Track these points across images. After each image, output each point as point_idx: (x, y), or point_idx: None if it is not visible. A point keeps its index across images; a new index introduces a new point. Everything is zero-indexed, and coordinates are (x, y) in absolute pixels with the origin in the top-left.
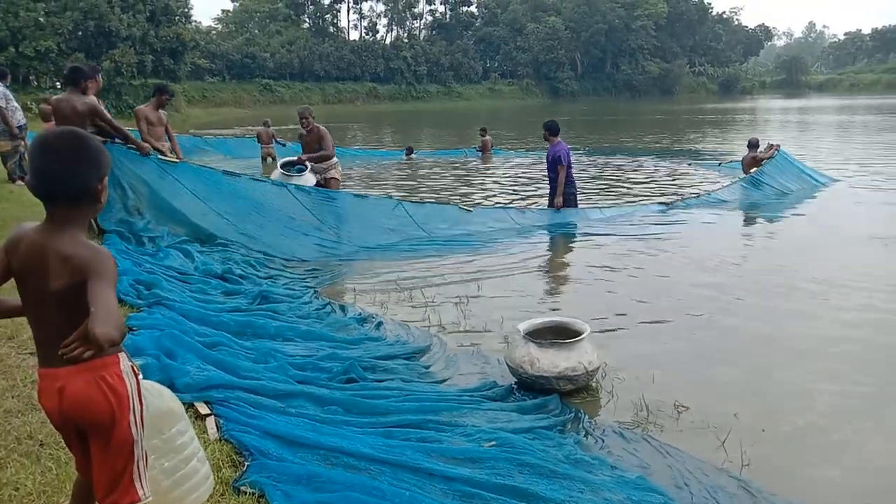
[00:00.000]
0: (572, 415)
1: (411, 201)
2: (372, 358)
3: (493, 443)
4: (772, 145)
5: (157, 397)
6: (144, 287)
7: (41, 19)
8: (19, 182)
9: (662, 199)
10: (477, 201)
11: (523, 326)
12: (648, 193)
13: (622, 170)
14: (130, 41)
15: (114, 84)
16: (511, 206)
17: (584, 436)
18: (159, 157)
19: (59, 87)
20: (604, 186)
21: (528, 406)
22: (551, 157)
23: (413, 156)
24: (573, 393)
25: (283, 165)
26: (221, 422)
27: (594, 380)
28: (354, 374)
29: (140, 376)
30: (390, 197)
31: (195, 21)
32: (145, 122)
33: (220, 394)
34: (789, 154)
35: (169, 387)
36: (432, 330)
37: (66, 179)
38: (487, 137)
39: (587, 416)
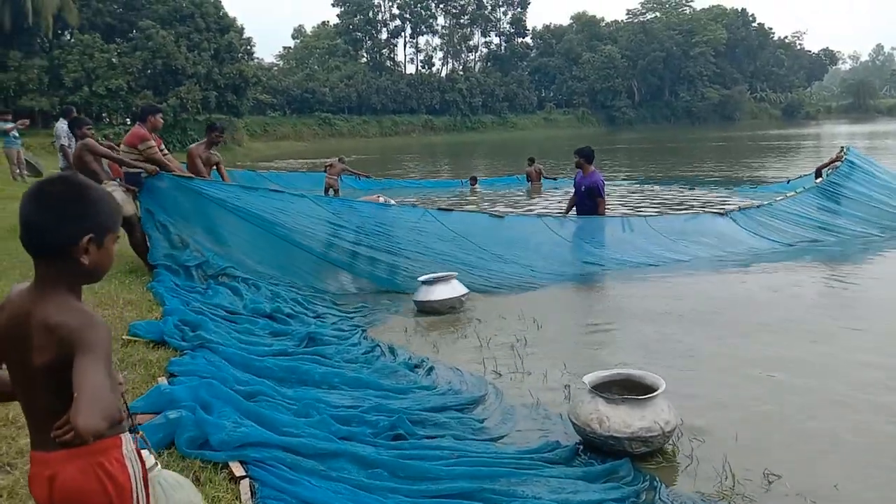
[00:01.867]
0: (647, 483)
1: (438, 208)
2: (422, 410)
3: None
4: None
5: (177, 489)
6: (190, 328)
7: (113, 59)
8: None
9: (717, 210)
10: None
11: (589, 379)
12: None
13: (680, 196)
14: (196, 78)
15: (179, 120)
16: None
17: None
18: (173, 174)
19: (128, 123)
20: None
21: (596, 472)
22: (587, 186)
23: (477, 186)
24: (646, 456)
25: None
26: (256, 486)
27: (670, 441)
28: (403, 429)
29: (151, 466)
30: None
31: (257, 58)
32: (198, 161)
33: (257, 453)
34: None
35: (203, 443)
36: (488, 376)
37: (50, 230)
38: (535, 167)
39: (664, 486)
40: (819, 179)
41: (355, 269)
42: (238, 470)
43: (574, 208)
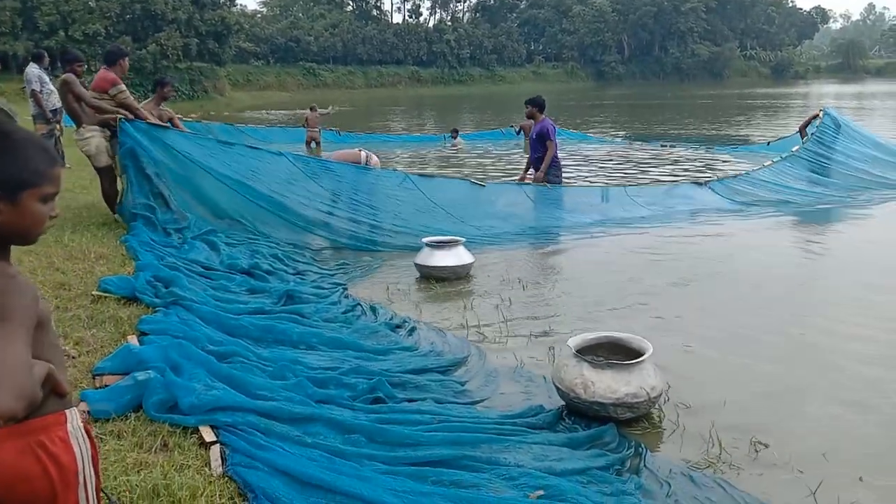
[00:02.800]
0: (632, 450)
1: (419, 174)
2: (402, 372)
3: (541, 492)
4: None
5: None
6: (163, 284)
7: (91, 3)
8: None
9: (696, 180)
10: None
11: (574, 342)
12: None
13: (660, 157)
14: (176, 24)
15: (160, 67)
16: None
17: (647, 479)
18: (149, 122)
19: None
20: (636, 172)
21: (580, 438)
22: (537, 132)
23: (459, 139)
24: (632, 422)
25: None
26: (227, 452)
27: (656, 407)
28: (382, 392)
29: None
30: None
31: (240, 4)
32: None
33: (229, 417)
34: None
35: (172, 407)
36: (471, 338)
37: None
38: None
39: (649, 453)
40: (806, 138)
41: (333, 229)
42: (208, 435)
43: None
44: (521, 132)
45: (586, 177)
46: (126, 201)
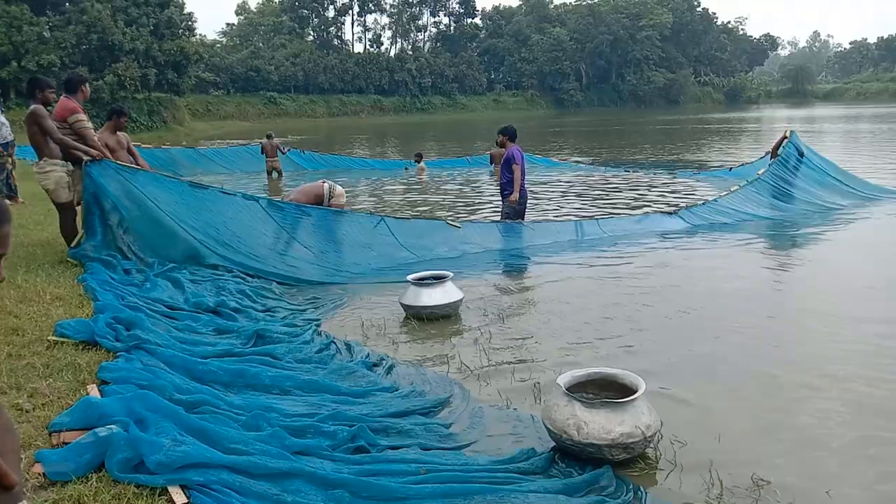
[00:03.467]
0: (631, 494)
1: (394, 217)
2: (384, 416)
3: None
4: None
5: None
6: (124, 327)
7: (45, 34)
8: (7, 202)
9: (665, 209)
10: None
11: (563, 380)
12: (653, 208)
13: (626, 181)
14: (134, 55)
15: (117, 98)
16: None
17: None
18: (116, 162)
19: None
20: (603, 201)
21: (577, 484)
22: (505, 158)
23: (423, 165)
24: (627, 462)
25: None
26: None
27: (651, 445)
28: (364, 439)
29: None
30: (371, 213)
31: (199, 34)
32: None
33: (200, 476)
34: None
35: (138, 465)
36: (452, 374)
37: None
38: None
39: (648, 496)
40: (773, 159)
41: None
42: (178, 496)
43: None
44: (491, 160)
45: (556, 202)
46: (83, 247)
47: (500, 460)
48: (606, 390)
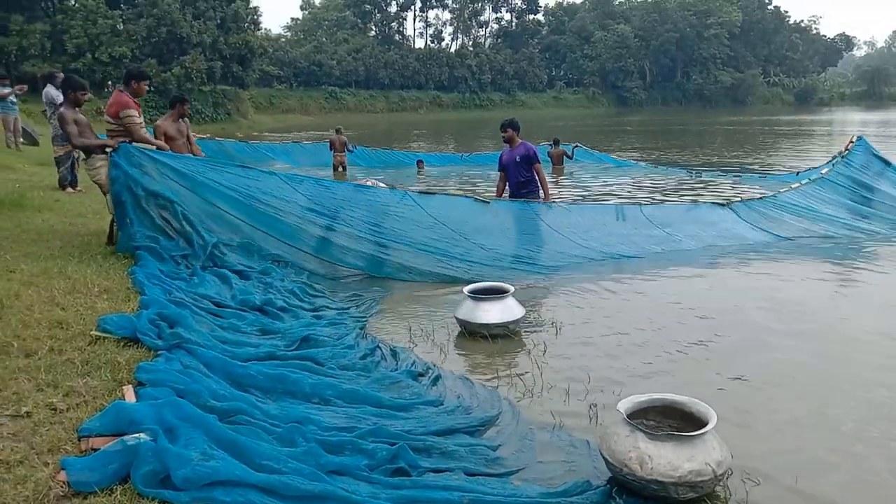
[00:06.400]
0: None
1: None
2: (427, 433)
3: None
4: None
5: None
6: (168, 324)
7: (118, 26)
8: (69, 189)
9: (718, 201)
10: None
11: (624, 406)
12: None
13: (684, 185)
14: (201, 48)
15: (183, 90)
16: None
17: None
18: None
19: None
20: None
21: None
22: (521, 155)
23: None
24: (694, 501)
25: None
26: None
27: (721, 483)
28: (405, 460)
29: None
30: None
31: (264, 28)
32: (163, 139)
33: (227, 495)
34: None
35: (164, 479)
36: (501, 389)
37: None
38: (559, 149)
39: None
40: (825, 170)
41: (337, 256)
42: None
43: (507, 187)
44: (550, 158)
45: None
46: (122, 239)
47: (553, 492)
48: (669, 417)
